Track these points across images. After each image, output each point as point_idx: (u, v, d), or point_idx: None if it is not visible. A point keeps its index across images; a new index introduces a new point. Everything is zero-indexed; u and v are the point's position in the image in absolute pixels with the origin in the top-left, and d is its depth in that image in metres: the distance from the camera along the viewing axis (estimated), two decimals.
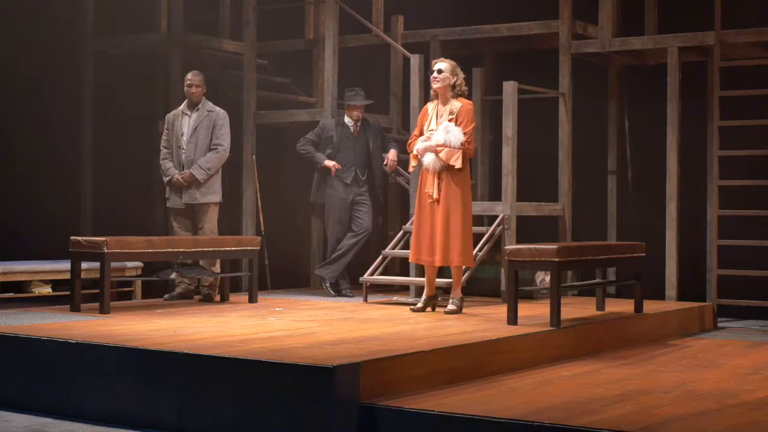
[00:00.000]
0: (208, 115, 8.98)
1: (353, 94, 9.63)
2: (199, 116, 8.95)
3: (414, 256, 8.08)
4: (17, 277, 9.04)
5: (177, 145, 8.95)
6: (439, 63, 8.04)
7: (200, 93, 8.97)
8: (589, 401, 5.36)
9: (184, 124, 8.97)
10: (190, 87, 8.98)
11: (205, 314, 7.82)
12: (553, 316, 7.12)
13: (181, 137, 8.94)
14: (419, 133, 8.10)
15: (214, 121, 8.97)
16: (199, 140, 8.91)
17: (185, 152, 8.91)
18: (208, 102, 9.04)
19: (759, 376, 6.32)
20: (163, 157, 9.05)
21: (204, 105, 9.01)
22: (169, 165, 8.95)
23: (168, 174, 8.95)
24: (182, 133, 8.95)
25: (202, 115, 8.96)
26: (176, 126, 8.99)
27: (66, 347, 6.12)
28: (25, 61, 10.76)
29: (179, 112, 9.06)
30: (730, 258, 9.33)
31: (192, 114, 8.97)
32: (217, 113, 9.02)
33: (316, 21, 11.24)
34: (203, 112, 8.98)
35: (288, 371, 5.37)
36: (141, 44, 11.12)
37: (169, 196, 9.03)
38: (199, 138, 8.91)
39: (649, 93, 10.23)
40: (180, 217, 8.98)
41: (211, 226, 8.94)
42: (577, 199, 9.96)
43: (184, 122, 8.98)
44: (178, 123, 8.98)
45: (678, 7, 10.16)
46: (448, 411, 5.11)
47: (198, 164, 8.85)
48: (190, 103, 9.00)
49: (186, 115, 8.99)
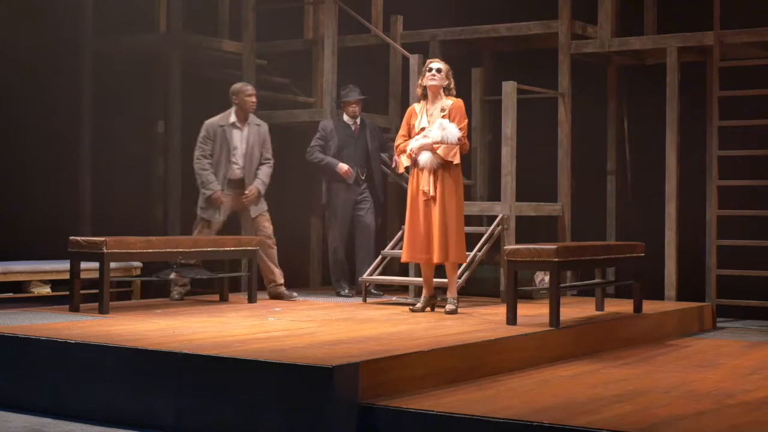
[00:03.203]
0: (258, 129, 9.00)
1: (348, 91, 9.65)
2: (251, 130, 8.94)
3: (408, 255, 8.08)
4: (16, 277, 9.05)
5: (228, 159, 8.84)
6: (437, 63, 8.06)
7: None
8: (588, 401, 5.36)
9: (236, 138, 8.87)
10: (251, 97, 8.91)
11: (205, 314, 7.82)
12: (552, 316, 7.12)
13: (233, 151, 8.84)
14: (406, 133, 8.10)
15: (264, 135, 9.01)
16: (254, 156, 8.95)
17: (240, 168, 8.88)
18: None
19: (758, 376, 6.32)
20: (204, 168, 8.85)
21: (252, 118, 9.00)
22: (212, 179, 8.81)
23: (210, 189, 8.81)
24: (235, 147, 8.85)
25: (253, 129, 8.96)
26: (225, 138, 8.85)
27: (65, 347, 6.12)
28: (25, 60, 10.75)
29: (227, 124, 8.89)
30: (729, 258, 9.33)
31: (243, 128, 8.91)
32: (264, 126, 9.08)
33: (316, 21, 11.24)
34: (253, 126, 8.98)
35: (287, 371, 5.37)
36: (141, 44, 11.11)
37: (204, 207, 8.91)
38: (254, 154, 8.94)
39: (648, 93, 10.23)
40: (208, 230, 8.95)
41: (271, 229, 9.10)
42: (577, 199, 9.96)
43: (235, 136, 8.88)
44: (228, 136, 8.85)
45: (677, 7, 10.16)
46: (447, 411, 5.11)
47: (262, 180, 8.96)
48: (244, 115, 8.91)
49: (237, 129, 8.90)
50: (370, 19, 10.82)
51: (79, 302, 7.87)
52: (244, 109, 8.92)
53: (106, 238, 7.83)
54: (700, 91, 9.78)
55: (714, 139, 9.35)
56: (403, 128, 8.17)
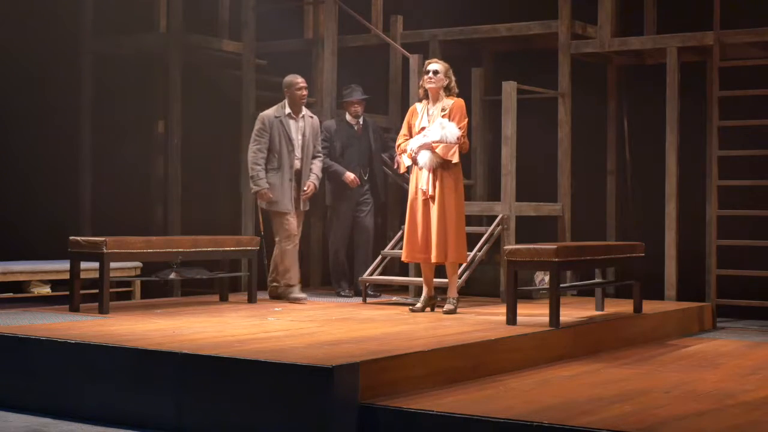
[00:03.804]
0: (312, 122, 8.97)
1: (350, 91, 9.63)
2: (305, 122, 8.91)
3: (408, 255, 8.08)
4: (16, 277, 9.05)
5: (288, 150, 8.77)
6: (435, 64, 8.06)
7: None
8: (588, 401, 5.36)
9: (292, 129, 8.83)
10: (301, 90, 8.86)
11: (205, 314, 7.82)
12: (552, 316, 7.12)
13: (291, 142, 8.79)
14: (407, 133, 8.11)
15: (317, 127, 9.00)
16: (309, 147, 8.92)
17: (297, 158, 8.83)
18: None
19: (758, 376, 6.32)
20: (257, 162, 8.75)
21: (305, 110, 8.98)
22: (262, 175, 8.73)
23: (258, 185, 8.73)
24: (291, 138, 8.81)
25: (307, 120, 8.94)
26: (284, 129, 8.79)
27: (65, 347, 6.12)
28: (25, 60, 10.76)
29: (283, 115, 8.84)
30: (729, 258, 9.33)
31: (298, 119, 8.87)
32: (316, 119, 9.07)
33: (315, 21, 11.24)
34: (308, 119, 8.96)
35: (287, 371, 5.37)
36: (140, 44, 11.11)
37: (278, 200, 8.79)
38: (309, 145, 8.91)
39: (648, 93, 10.23)
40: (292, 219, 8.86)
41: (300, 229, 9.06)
42: (577, 199, 9.96)
43: (292, 126, 8.84)
44: (285, 127, 8.80)
45: (677, 7, 10.16)
46: (447, 411, 5.11)
47: (316, 176, 8.97)
48: (297, 106, 8.86)
49: (293, 120, 8.85)
50: (370, 19, 10.82)
51: (79, 302, 7.87)
52: (296, 101, 8.86)
53: (106, 238, 7.83)
54: (700, 91, 9.78)
55: (714, 139, 9.35)
56: (404, 128, 8.17)
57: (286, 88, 8.93)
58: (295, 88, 8.87)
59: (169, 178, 10.74)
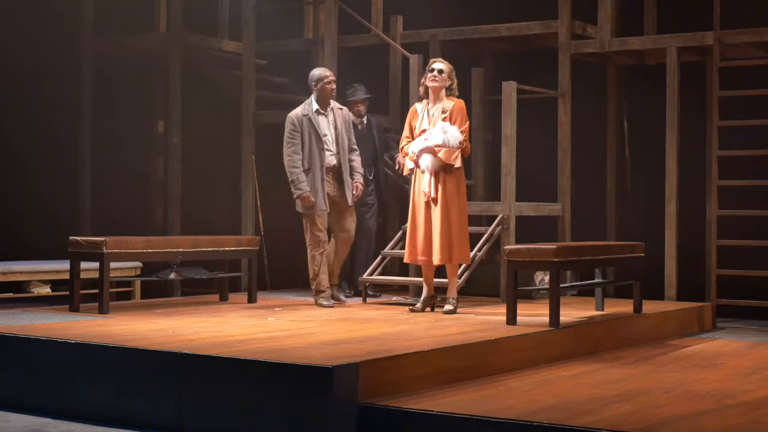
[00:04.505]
0: (342, 114, 8.68)
1: (353, 90, 9.60)
2: (335, 115, 8.61)
3: (409, 257, 8.09)
4: (16, 277, 9.05)
5: (320, 147, 8.45)
6: (439, 63, 8.05)
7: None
8: (588, 401, 5.36)
9: (323, 125, 8.53)
10: (330, 84, 8.56)
11: (205, 314, 7.82)
12: (552, 316, 7.12)
13: (324, 138, 8.50)
14: (409, 134, 8.10)
15: (348, 119, 8.71)
16: (344, 140, 8.61)
17: (334, 154, 8.53)
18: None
19: (758, 376, 6.32)
20: (295, 165, 8.39)
21: (333, 103, 8.66)
22: (303, 178, 8.38)
23: (299, 189, 8.35)
24: (324, 134, 8.51)
25: (338, 113, 8.63)
26: (312, 127, 8.49)
27: (65, 347, 6.12)
28: (25, 60, 10.76)
29: (311, 112, 8.54)
30: (729, 258, 9.33)
31: (328, 114, 8.59)
32: (347, 111, 8.79)
33: (316, 21, 11.24)
34: (337, 111, 8.65)
35: (287, 371, 5.37)
36: (140, 44, 11.12)
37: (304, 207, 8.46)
38: (343, 138, 8.59)
39: (648, 93, 10.23)
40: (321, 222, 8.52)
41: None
42: (577, 199, 9.96)
43: (322, 123, 8.54)
44: (315, 124, 8.49)
45: (677, 7, 10.16)
46: (447, 411, 5.11)
47: (360, 173, 8.66)
48: (325, 101, 8.57)
49: (322, 115, 8.56)
50: (370, 19, 10.82)
51: (79, 302, 7.88)
52: (324, 96, 8.56)
53: (106, 238, 7.83)
54: (700, 91, 9.78)
55: (714, 139, 9.35)
56: (406, 129, 8.16)
57: (315, 83, 8.58)
58: (325, 81, 8.54)
59: (169, 178, 10.75)
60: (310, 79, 8.65)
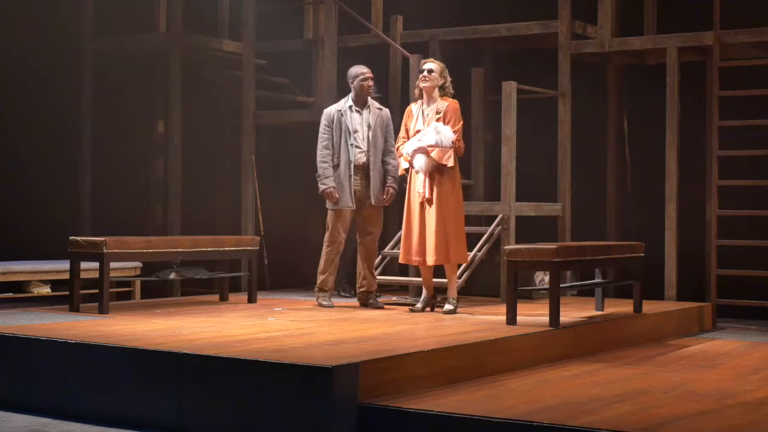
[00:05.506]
0: (380, 114, 8.51)
1: None
2: (373, 114, 8.46)
3: (404, 257, 8.09)
4: (16, 277, 9.04)
5: (348, 143, 8.35)
6: (429, 63, 8.07)
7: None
8: (588, 401, 5.36)
9: (355, 121, 8.39)
10: (367, 81, 8.43)
11: (205, 314, 7.82)
12: (552, 316, 7.12)
13: (353, 134, 8.37)
14: (405, 135, 8.11)
15: (387, 120, 8.54)
16: (378, 140, 8.43)
17: (362, 152, 8.39)
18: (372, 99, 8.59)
19: (758, 376, 6.32)
20: (324, 160, 8.36)
21: (372, 102, 8.54)
22: (330, 173, 8.32)
23: (324, 183, 8.32)
24: (355, 130, 8.38)
25: (374, 112, 8.47)
26: (344, 123, 8.38)
27: (65, 347, 6.12)
28: (25, 60, 10.77)
29: (344, 107, 8.44)
30: (729, 258, 9.33)
31: (363, 111, 8.46)
32: (386, 112, 8.59)
33: (315, 21, 11.24)
34: (374, 110, 8.49)
35: (287, 371, 5.37)
36: (140, 44, 11.12)
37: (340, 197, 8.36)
38: (377, 138, 8.42)
39: (648, 93, 10.23)
40: (344, 219, 8.45)
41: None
42: (577, 199, 9.96)
43: (354, 119, 8.40)
44: (347, 120, 8.39)
45: (677, 7, 10.17)
46: (447, 411, 5.11)
47: (394, 178, 8.45)
48: (362, 99, 8.45)
49: (356, 112, 8.43)
50: (370, 19, 10.82)
51: (79, 302, 7.88)
52: (361, 93, 8.45)
53: (106, 238, 7.83)
54: (700, 91, 9.78)
55: (714, 139, 9.35)
56: (402, 130, 8.18)
57: (352, 80, 8.48)
58: (361, 78, 8.43)
59: (169, 178, 10.74)
60: (348, 77, 8.56)
